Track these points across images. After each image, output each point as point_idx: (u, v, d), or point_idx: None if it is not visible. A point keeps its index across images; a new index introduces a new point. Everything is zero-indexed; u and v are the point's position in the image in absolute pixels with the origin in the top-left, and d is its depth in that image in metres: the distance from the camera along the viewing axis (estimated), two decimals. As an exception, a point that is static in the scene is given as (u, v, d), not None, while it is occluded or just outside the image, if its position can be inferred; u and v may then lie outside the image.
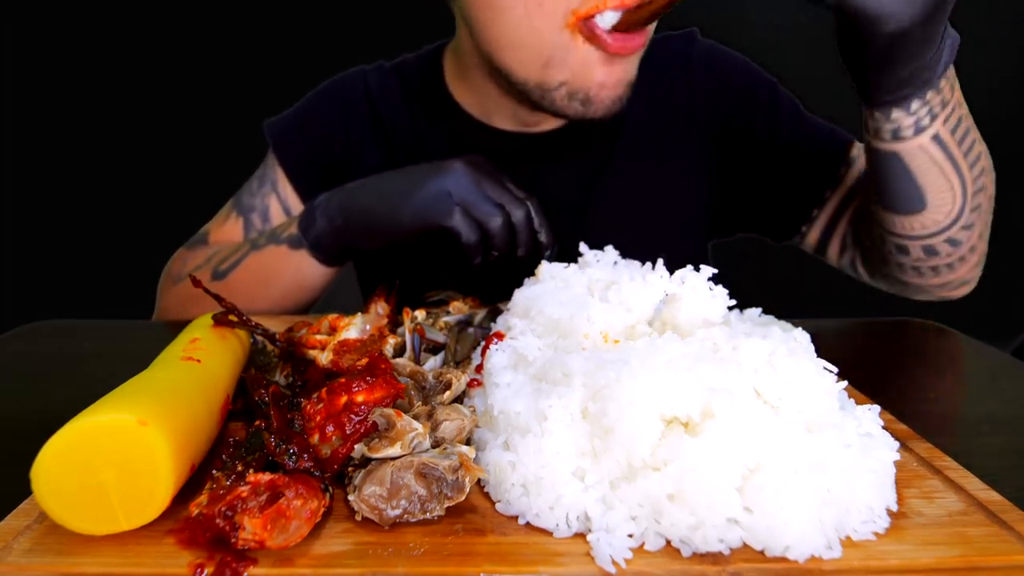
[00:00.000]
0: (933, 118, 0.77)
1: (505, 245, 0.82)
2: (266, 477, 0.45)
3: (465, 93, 1.03)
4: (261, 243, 0.97)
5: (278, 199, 1.05)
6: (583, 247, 0.70)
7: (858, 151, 1.01)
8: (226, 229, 1.06)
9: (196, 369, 0.55)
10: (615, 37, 0.82)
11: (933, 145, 0.79)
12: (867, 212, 0.92)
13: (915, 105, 0.75)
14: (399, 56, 1.12)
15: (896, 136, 0.78)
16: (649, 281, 0.61)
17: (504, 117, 1.01)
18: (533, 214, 0.82)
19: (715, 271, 0.61)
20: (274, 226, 1.03)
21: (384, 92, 1.07)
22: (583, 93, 0.86)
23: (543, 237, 0.83)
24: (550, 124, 1.01)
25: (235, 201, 1.08)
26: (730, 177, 1.07)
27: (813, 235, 1.05)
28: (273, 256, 0.94)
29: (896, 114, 0.76)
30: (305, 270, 0.94)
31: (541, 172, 1.02)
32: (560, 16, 0.82)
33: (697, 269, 0.61)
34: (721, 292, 0.60)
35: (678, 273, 0.61)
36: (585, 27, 0.82)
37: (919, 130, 0.77)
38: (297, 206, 1.05)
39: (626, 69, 0.87)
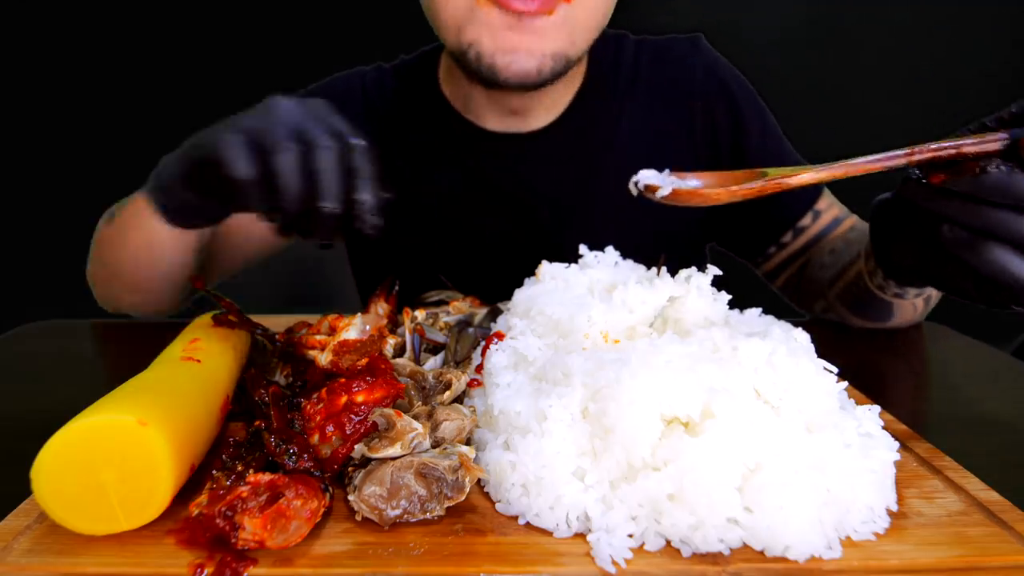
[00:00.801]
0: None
1: (295, 192, 0.59)
2: (266, 477, 0.45)
3: (455, 94, 1.03)
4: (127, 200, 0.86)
5: None
6: (583, 248, 0.70)
7: (825, 205, 1.04)
8: None
9: (196, 369, 0.55)
10: None
11: (922, 301, 0.91)
12: (818, 288, 0.99)
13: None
14: (398, 58, 1.12)
15: (899, 296, 0.88)
16: (654, 284, 0.61)
17: (492, 117, 1.01)
18: (355, 162, 0.61)
19: (719, 272, 0.61)
20: None
21: (381, 92, 1.08)
22: (489, 58, 0.84)
23: (364, 194, 0.60)
24: (537, 122, 1.01)
25: None
26: None
27: (766, 266, 1.11)
28: (129, 210, 0.84)
29: (911, 289, 0.86)
30: (151, 229, 0.79)
31: (534, 172, 1.02)
32: None
33: (699, 269, 0.61)
34: (722, 296, 0.60)
35: (682, 273, 0.61)
36: None
37: (919, 294, 0.89)
38: None
39: (538, 38, 0.82)
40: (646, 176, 0.58)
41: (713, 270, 0.61)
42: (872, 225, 0.67)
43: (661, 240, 1.05)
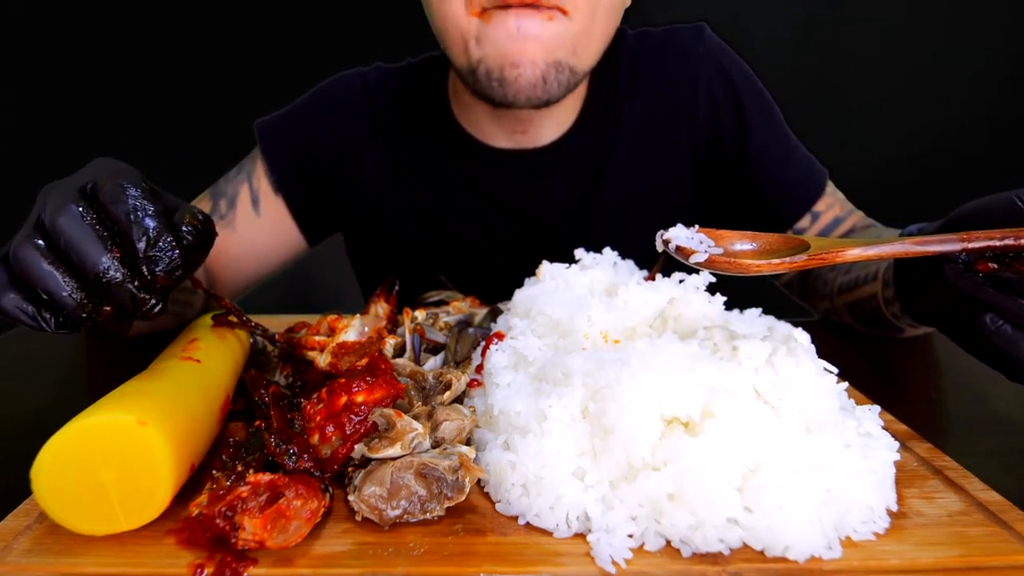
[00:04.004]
0: None
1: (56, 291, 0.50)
2: (266, 477, 0.45)
3: (462, 110, 1.02)
4: None
5: (249, 188, 1.04)
6: (579, 252, 0.70)
7: (824, 206, 1.02)
8: None
9: (196, 369, 0.55)
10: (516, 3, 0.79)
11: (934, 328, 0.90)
12: (826, 289, 0.98)
13: None
14: (404, 60, 1.12)
15: (913, 327, 0.87)
16: (655, 284, 0.61)
17: (498, 135, 1.01)
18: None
19: (712, 279, 0.60)
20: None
21: (384, 92, 1.07)
22: (497, 72, 0.84)
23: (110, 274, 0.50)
24: (543, 139, 1.01)
25: (214, 186, 1.07)
26: (710, 183, 1.07)
27: None
28: None
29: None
30: None
31: (539, 186, 1.02)
32: (463, 3, 0.82)
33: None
34: (717, 298, 0.60)
35: (675, 276, 0.61)
36: (490, 8, 0.81)
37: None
38: (268, 197, 1.04)
39: (540, 47, 0.83)
40: (677, 237, 0.54)
41: (706, 275, 0.61)
42: (897, 273, 0.67)
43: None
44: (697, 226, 0.55)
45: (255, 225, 1.03)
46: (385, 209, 1.06)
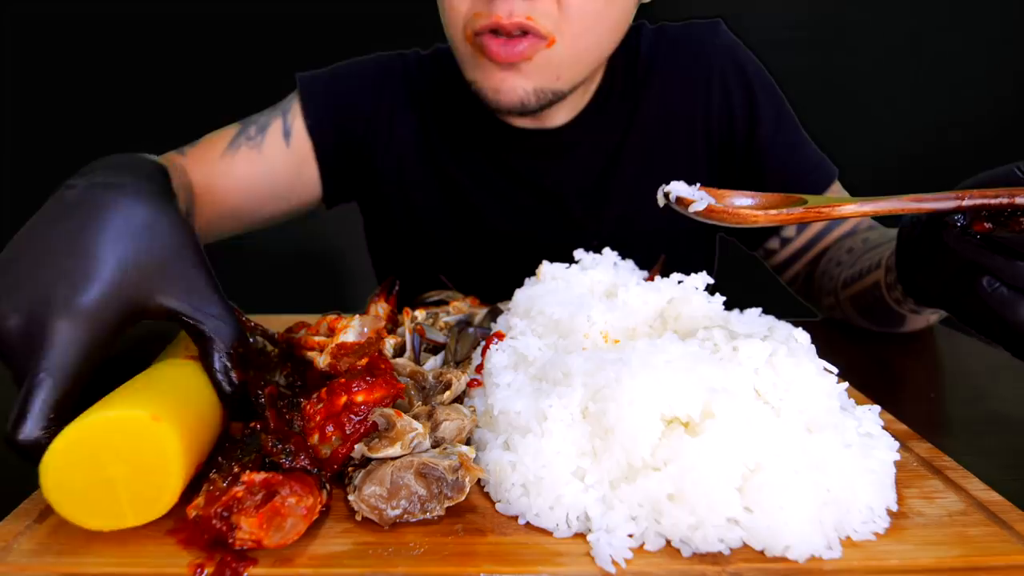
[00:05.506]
0: None
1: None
2: (260, 476, 0.45)
3: None
4: None
5: (283, 121, 1.05)
6: (578, 252, 0.70)
7: None
8: (216, 135, 1.04)
9: (198, 368, 0.55)
10: (496, 43, 0.84)
11: (935, 316, 0.93)
12: (831, 285, 0.99)
13: None
14: (433, 47, 1.15)
15: (915, 312, 0.88)
16: (655, 285, 0.61)
17: (515, 116, 1.03)
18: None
19: (711, 281, 0.61)
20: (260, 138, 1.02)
21: (422, 75, 1.11)
22: (482, 93, 0.91)
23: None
24: (561, 119, 1.04)
25: (243, 120, 1.07)
26: (723, 172, 1.10)
27: (774, 260, 1.12)
28: None
29: (928, 310, 0.87)
30: None
31: (556, 165, 1.05)
32: (460, 26, 0.87)
33: (709, 263, 0.61)
34: (717, 299, 0.60)
35: (673, 276, 0.61)
36: (476, 39, 0.85)
37: (935, 312, 0.90)
38: (300, 135, 1.04)
39: (520, 77, 0.88)
40: (678, 189, 0.56)
41: (704, 276, 0.61)
42: (899, 250, 0.67)
43: (677, 228, 1.05)
44: (699, 184, 0.57)
45: (282, 153, 1.04)
46: (410, 182, 1.09)
